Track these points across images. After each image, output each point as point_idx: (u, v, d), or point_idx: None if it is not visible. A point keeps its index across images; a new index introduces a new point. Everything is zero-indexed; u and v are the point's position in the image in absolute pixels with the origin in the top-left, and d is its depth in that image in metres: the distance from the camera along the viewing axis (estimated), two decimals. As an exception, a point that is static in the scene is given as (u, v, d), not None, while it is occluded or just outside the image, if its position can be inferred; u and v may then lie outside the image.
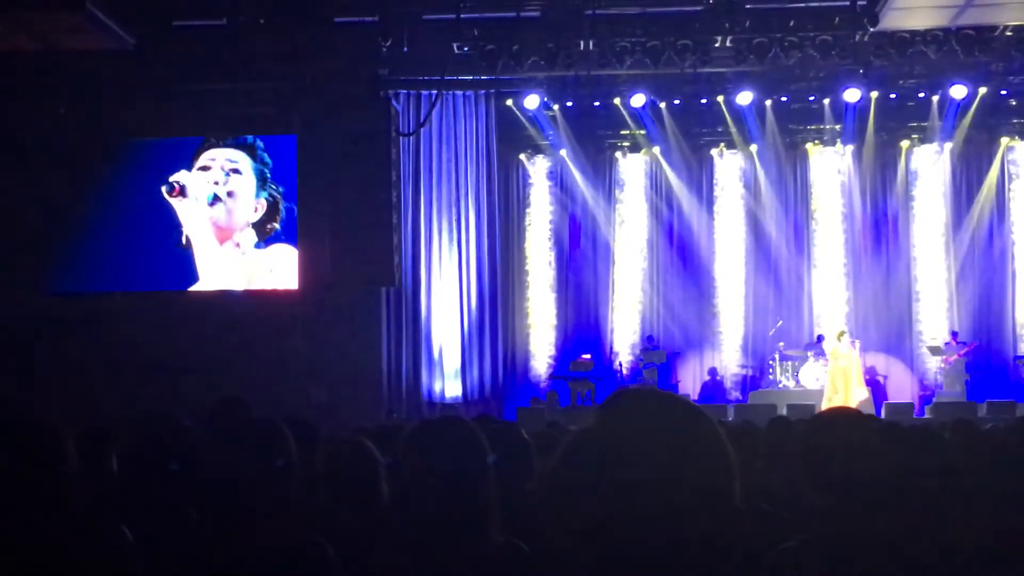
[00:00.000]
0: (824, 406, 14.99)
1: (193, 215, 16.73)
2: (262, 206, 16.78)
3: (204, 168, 16.76)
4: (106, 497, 3.56)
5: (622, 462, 1.59)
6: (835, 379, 16.62)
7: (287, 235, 16.73)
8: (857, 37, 15.46)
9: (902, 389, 18.44)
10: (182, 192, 16.64)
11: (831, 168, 19.11)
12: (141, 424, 3.91)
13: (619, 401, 1.69)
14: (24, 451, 2.94)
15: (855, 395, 16.41)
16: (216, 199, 16.73)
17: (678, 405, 1.68)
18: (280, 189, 16.76)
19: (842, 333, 17.24)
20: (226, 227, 16.79)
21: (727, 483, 1.62)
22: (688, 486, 1.57)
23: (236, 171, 16.78)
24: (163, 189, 16.59)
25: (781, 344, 18.31)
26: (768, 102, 17.81)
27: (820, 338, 18.06)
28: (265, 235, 16.77)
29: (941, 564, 2.33)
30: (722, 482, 1.61)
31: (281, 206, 16.74)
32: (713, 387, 18.52)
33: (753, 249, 19.14)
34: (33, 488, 2.92)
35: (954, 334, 17.98)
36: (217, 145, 16.80)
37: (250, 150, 16.81)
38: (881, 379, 18.40)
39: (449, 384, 17.58)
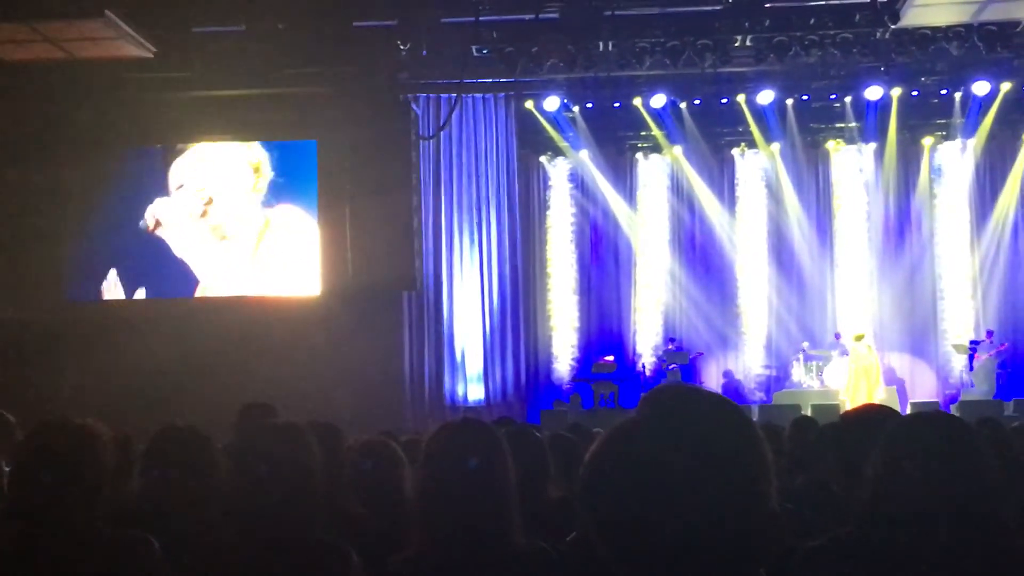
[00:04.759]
0: (849, 406, 14.91)
1: (184, 232, 16.79)
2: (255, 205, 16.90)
3: (180, 187, 16.81)
4: (130, 503, 3.56)
5: (660, 457, 1.56)
6: (857, 379, 16.53)
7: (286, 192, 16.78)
8: (878, 34, 15.37)
9: (927, 388, 18.30)
10: (159, 224, 16.70)
11: (853, 166, 18.98)
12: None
13: (661, 396, 1.66)
14: (65, 453, 2.96)
15: (877, 395, 16.34)
16: (203, 209, 16.78)
17: (720, 404, 1.65)
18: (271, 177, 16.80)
19: (861, 336, 17.11)
20: (222, 229, 16.89)
21: (764, 486, 1.59)
22: (725, 486, 1.55)
23: (215, 179, 16.88)
24: (140, 225, 16.66)
25: (805, 344, 18.23)
26: (789, 101, 17.74)
27: (837, 336, 17.98)
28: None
29: (970, 560, 2.29)
30: (760, 485, 1.59)
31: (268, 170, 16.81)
32: (728, 390, 18.35)
33: (775, 249, 19.02)
34: (74, 491, 2.93)
35: (989, 332, 17.77)
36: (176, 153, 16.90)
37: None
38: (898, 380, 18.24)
39: (472, 387, 17.58)
